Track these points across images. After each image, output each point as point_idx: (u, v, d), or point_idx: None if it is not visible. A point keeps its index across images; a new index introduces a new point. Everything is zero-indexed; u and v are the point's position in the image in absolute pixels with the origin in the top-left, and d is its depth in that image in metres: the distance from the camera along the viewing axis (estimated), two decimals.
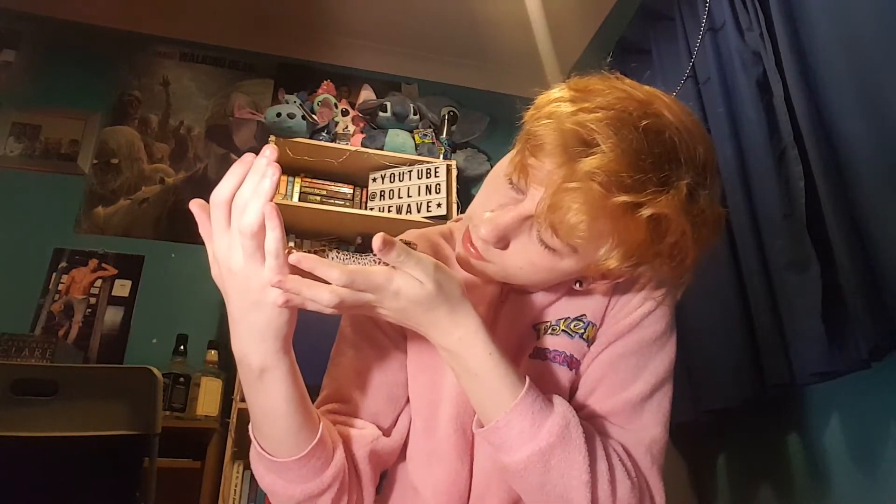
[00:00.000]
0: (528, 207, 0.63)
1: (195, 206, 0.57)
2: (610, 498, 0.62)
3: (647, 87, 0.65)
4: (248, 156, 0.55)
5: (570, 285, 0.74)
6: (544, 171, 0.61)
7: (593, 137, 0.58)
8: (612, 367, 0.72)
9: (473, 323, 0.62)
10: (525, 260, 0.66)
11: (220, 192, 0.55)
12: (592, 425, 0.68)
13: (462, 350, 0.62)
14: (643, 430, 0.70)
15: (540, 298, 0.77)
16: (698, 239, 0.63)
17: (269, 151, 0.54)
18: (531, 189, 0.63)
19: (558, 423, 0.61)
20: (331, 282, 0.55)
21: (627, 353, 0.72)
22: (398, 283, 0.58)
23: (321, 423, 0.65)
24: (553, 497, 0.62)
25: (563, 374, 0.74)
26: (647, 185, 0.58)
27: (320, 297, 0.55)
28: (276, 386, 0.61)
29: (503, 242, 0.66)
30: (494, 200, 0.67)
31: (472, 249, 0.69)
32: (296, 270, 0.56)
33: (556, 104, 0.62)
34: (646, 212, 0.58)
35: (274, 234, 0.54)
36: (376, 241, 0.55)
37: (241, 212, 0.54)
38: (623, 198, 0.57)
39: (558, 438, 0.61)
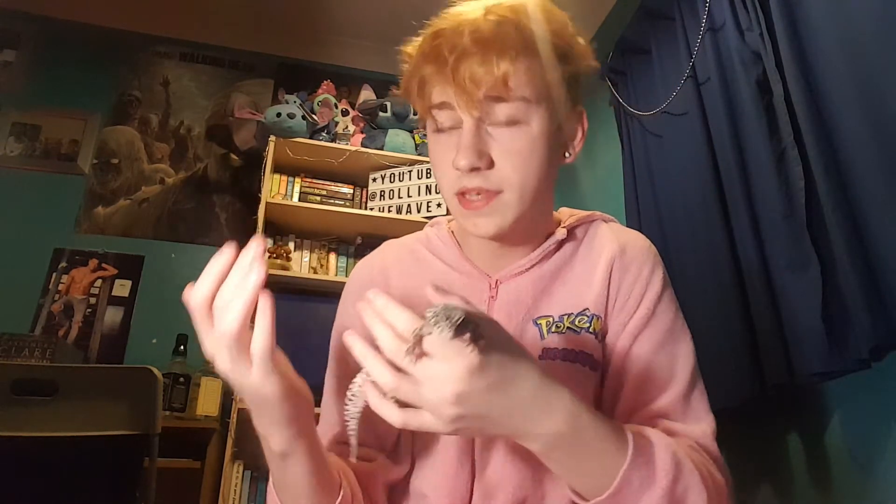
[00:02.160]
0: (470, 116, 0.66)
1: (186, 298, 0.55)
2: (717, 498, 0.62)
3: None
4: (229, 247, 0.53)
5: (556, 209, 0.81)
6: (447, 90, 0.66)
7: (444, 31, 0.67)
8: (648, 364, 0.73)
9: (563, 393, 0.55)
10: (512, 154, 0.68)
11: (197, 292, 0.52)
12: (654, 427, 0.68)
13: (569, 430, 0.54)
14: (700, 421, 0.71)
15: (528, 286, 0.76)
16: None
17: (255, 245, 0.52)
18: (455, 110, 0.67)
19: (668, 457, 0.58)
20: (380, 385, 0.51)
21: (657, 347, 0.74)
22: (459, 387, 0.49)
23: (342, 485, 0.66)
24: None
25: (579, 373, 0.73)
26: None
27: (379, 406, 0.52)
28: (297, 467, 0.61)
29: (485, 158, 0.67)
30: (446, 155, 0.69)
31: (473, 202, 0.69)
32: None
33: (411, 52, 0.72)
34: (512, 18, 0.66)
35: (261, 334, 0.52)
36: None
37: (222, 312, 0.51)
38: (488, 14, 0.66)
39: (675, 469, 0.58)
